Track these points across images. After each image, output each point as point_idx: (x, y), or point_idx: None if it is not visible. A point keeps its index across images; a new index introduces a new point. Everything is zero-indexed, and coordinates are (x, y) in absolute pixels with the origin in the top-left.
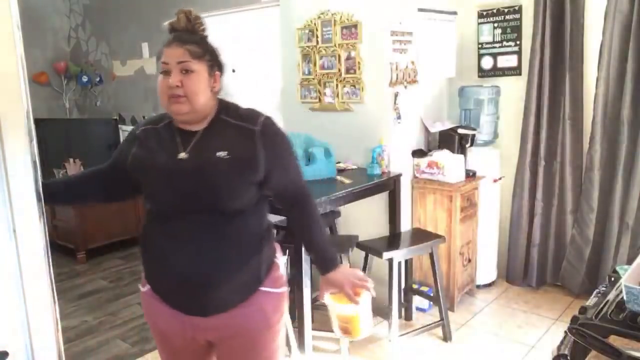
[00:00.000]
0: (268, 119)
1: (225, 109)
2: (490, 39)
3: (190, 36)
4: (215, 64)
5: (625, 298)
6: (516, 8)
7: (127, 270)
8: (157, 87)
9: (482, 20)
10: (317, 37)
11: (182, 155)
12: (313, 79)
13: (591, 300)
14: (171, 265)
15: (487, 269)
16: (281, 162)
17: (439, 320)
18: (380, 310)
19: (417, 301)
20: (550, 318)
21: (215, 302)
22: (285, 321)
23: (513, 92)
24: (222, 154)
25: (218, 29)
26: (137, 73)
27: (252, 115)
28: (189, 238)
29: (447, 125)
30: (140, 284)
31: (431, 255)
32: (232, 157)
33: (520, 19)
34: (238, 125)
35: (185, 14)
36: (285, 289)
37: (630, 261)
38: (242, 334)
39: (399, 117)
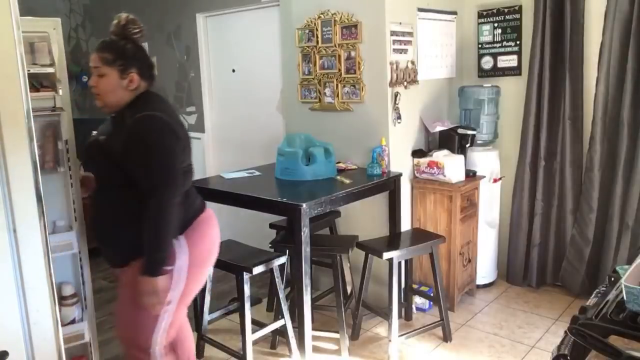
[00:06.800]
0: (140, 119)
1: (134, 104)
2: (490, 39)
3: (108, 43)
4: (128, 66)
5: (625, 298)
6: (516, 8)
7: None
8: None
9: (482, 20)
10: (317, 37)
11: (101, 137)
12: (313, 79)
13: (591, 300)
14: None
15: (487, 269)
16: (131, 155)
17: (439, 320)
18: (380, 310)
19: (417, 301)
20: (550, 318)
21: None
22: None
23: (513, 92)
24: (102, 137)
25: (218, 28)
26: None
27: (136, 112)
28: (94, 202)
29: (447, 125)
30: None
31: (431, 255)
32: (105, 140)
33: (520, 19)
34: (124, 117)
35: (120, 19)
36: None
37: (630, 261)
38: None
39: (399, 117)
